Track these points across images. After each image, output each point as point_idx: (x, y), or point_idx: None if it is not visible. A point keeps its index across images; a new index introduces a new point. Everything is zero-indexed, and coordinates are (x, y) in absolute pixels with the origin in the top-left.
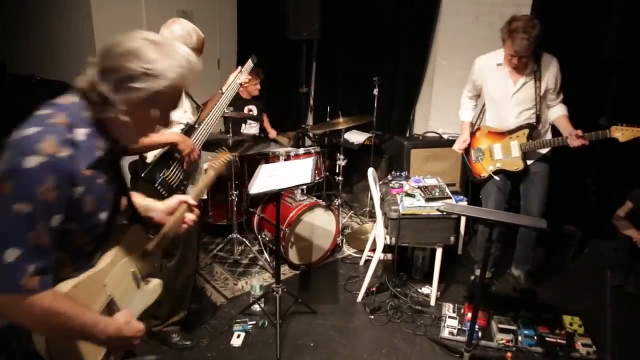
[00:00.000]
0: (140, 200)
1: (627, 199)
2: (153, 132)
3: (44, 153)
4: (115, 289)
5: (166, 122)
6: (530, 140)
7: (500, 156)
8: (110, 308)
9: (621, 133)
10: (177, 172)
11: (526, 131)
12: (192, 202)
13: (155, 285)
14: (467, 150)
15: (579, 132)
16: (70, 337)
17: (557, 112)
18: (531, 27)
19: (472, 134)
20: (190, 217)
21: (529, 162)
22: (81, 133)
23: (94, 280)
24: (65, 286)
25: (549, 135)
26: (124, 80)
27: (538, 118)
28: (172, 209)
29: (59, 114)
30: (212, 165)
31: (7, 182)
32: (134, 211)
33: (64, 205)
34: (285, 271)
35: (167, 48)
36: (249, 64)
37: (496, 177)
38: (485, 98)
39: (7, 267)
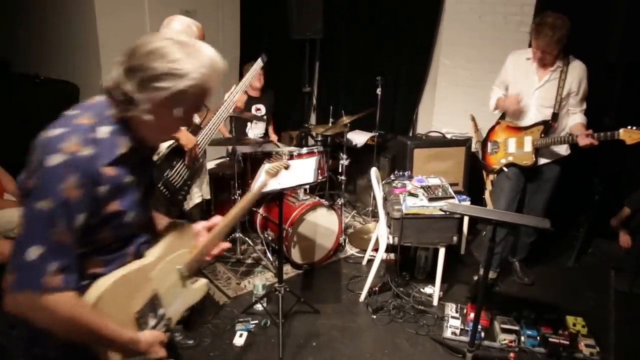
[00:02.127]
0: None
1: (625, 205)
2: (176, 132)
3: (65, 151)
4: (160, 284)
5: (189, 123)
6: (543, 136)
7: (514, 150)
8: (153, 303)
9: (629, 135)
10: (181, 172)
11: (541, 127)
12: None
13: (201, 285)
14: (483, 143)
15: (589, 131)
16: (89, 342)
17: (576, 120)
18: (559, 25)
19: (492, 128)
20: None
21: (543, 160)
22: (104, 131)
23: (140, 272)
24: (111, 278)
25: (564, 145)
26: (148, 79)
27: (555, 116)
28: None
29: (85, 113)
30: (268, 170)
31: (31, 180)
32: (182, 213)
33: (88, 204)
34: (288, 270)
35: (192, 49)
36: (259, 62)
37: (505, 169)
38: (510, 92)
39: (29, 265)
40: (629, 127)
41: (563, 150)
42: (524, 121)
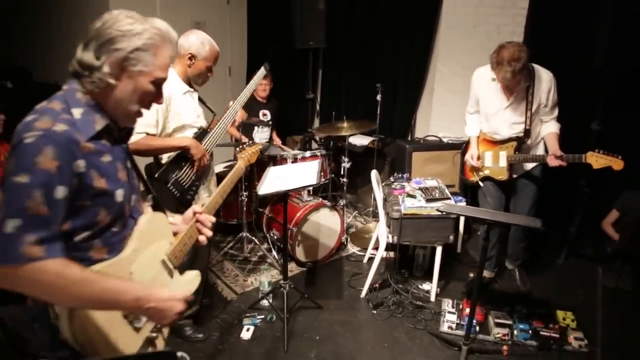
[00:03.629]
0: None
1: (614, 208)
2: (145, 104)
3: (39, 129)
4: (143, 278)
5: (157, 97)
6: (517, 153)
7: (490, 164)
8: None
9: (595, 159)
10: (189, 173)
11: (514, 143)
12: (198, 209)
13: (192, 276)
14: (462, 153)
15: (558, 152)
16: (94, 305)
17: (548, 129)
18: (516, 59)
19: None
20: (205, 232)
21: (515, 175)
22: (76, 112)
23: (118, 267)
24: None
25: (540, 150)
26: (104, 44)
27: (527, 132)
28: (188, 219)
29: (54, 101)
30: (241, 155)
31: (10, 160)
32: (156, 199)
33: (67, 177)
34: (293, 268)
35: (141, 18)
36: (262, 71)
37: (481, 184)
38: (480, 109)
39: (7, 238)
40: (597, 150)
41: (530, 165)
42: (498, 136)
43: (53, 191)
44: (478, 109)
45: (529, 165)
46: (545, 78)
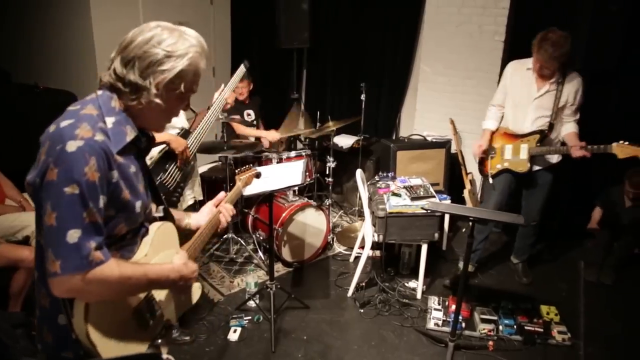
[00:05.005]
0: (174, 213)
1: (597, 205)
2: (177, 113)
3: (81, 137)
4: None
5: (188, 104)
6: (539, 145)
7: (510, 157)
8: (149, 302)
9: (621, 150)
10: (173, 174)
11: (537, 136)
12: (222, 196)
13: (195, 287)
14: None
15: (583, 143)
16: (147, 289)
17: (569, 129)
18: (561, 43)
19: (491, 134)
20: (225, 216)
21: (536, 167)
22: (109, 121)
23: None
24: None
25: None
26: (150, 65)
27: (551, 126)
28: (208, 211)
29: (88, 106)
30: (239, 177)
31: (55, 169)
32: (166, 210)
33: (105, 187)
34: (279, 269)
35: (179, 32)
36: (241, 69)
37: (491, 180)
38: (507, 100)
39: (73, 248)
40: (622, 141)
41: (554, 158)
42: (521, 129)
43: (99, 200)
44: (502, 104)
45: (546, 162)
46: (575, 78)
